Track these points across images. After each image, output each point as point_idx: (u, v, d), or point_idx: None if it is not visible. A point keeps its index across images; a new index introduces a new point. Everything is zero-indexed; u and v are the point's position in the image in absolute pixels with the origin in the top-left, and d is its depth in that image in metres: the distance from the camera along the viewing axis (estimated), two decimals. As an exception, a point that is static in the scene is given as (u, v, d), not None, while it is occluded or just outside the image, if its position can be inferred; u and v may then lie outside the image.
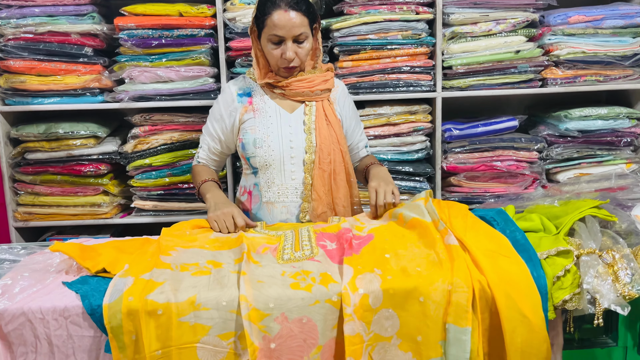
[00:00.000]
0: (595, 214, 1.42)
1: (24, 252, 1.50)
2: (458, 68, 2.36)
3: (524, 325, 1.18)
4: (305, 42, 1.70)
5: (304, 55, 1.72)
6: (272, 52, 1.70)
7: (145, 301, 1.20)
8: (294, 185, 1.77)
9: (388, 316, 1.21)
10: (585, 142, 2.42)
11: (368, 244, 1.37)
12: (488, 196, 2.42)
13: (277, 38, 1.67)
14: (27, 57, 2.28)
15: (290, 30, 1.65)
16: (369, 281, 1.22)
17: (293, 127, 1.77)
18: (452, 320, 1.19)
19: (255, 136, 1.76)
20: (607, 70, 2.40)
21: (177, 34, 2.28)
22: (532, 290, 1.21)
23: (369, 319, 1.21)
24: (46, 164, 2.35)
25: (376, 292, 1.21)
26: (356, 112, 1.95)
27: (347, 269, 1.26)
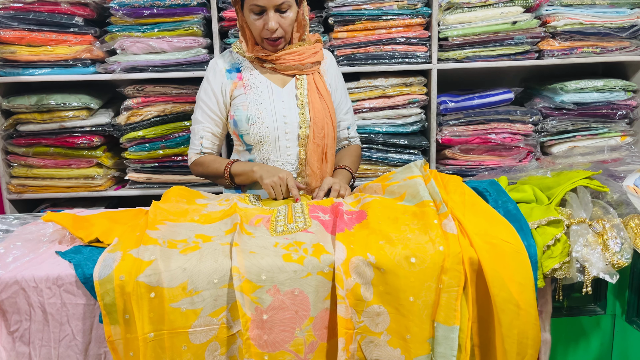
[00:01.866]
0: (587, 185, 1.42)
1: (17, 223, 1.50)
2: (454, 39, 2.33)
3: (520, 318, 1.18)
4: (289, 11, 1.64)
5: (287, 25, 1.65)
6: (254, 23, 1.65)
7: (137, 283, 1.19)
8: (290, 160, 1.75)
9: (379, 312, 1.22)
10: (580, 115, 2.41)
11: (361, 222, 1.34)
12: (482, 169, 2.43)
13: (258, 8, 1.61)
14: (16, 27, 2.24)
15: (271, 0, 1.60)
16: (362, 270, 1.22)
17: (286, 101, 1.74)
18: (441, 319, 1.20)
19: (248, 113, 1.72)
20: (604, 41, 2.38)
21: (169, 3, 2.24)
22: (529, 280, 1.20)
23: (360, 309, 1.22)
24: (39, 136, 2.33)
25: (368, 286, 1.22)
26: (344, 87, 1.90)
27: (339, 247, 1.24)
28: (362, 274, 1.22)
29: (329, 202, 1.50)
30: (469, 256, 1.21)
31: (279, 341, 1.21)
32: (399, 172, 1.56)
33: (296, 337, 1.21)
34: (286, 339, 1.21)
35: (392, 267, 1.21)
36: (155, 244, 1.27)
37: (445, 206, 1.33)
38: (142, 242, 1.29)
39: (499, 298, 1.19)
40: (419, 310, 1.20)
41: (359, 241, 1.26)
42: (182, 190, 1.61)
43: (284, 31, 1.67)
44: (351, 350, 1.21)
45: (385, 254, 1.22)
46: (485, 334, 1.24)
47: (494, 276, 1.19)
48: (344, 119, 1.88)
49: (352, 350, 1.22)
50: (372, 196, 1.49)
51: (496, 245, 1.23)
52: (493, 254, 1.22)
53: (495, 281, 1.19)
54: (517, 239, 1.24)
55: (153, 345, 1.19)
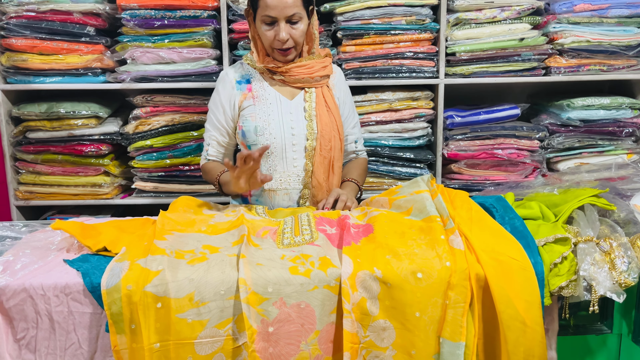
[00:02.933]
0: (594, 203, 1.42)
1: (26, 230, 1.51)
2: (461, 55, 2.35)
3: (526, 335, 1.18)
4: (300, 23, 1.67)
5: (298, 36, 1.68)
6: (265, 34, 1.68)
7: (144, 293, 1.20)
8: (296, 172, 1.76)
9: (385, 327, 1.22)
10: (587, 132, 2.42)
11: (368, 236, 1.35)
12: (488, 184, 2.43)
13: (269, 19, 1.65)
14: (29, 36, 2.27)
15: (283, 11, 1.63)
16: (369, 285, 1.22)
17: (294, 113, 1.76)
18: (447, 335, 1.20)
19: (256, 124, 1.74)
20: (611, 59, 2.39)
21: (180, 14, 2.27)
22: (536, 297, 1.20)
23: (366, 323, 1.22)
24: (47, 143, 2.35)
25: (374, 300, 1.22)
26: (352, 102, 1.92)
27: (346, 260, 1.24)
28: (368, 288, 1.22)
29: (335, 214, 1.51)
30: (475, 272, 1.22)
31: (285, 354, 1.21)
32: (406, 186, 1.57)
33: (302, 351, 1.21)
34: (292, 352, 1.21)
35: (399, 281, 1.21)
36: (162, 254, 1.28)
37: (452, 222, 1.33)
38: (149, 252, 1.29)
39: (505, 315, 1.18)
40: (425, 326, 1.20)
41: (366, 255, 1.27)
42: (189, 200, 1.63)
43: (295, 42, 1.69)
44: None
45: (391, 268, 1.23)
46: (491, 350, 1.24)
47: (501, 293, 1.19)
48: (351, 132, 1.89)
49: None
50: (378, 210, 1.49)
51: (503, 262, 1.23)
52: (500, 270, 1.22)
53: (501, 298, 1.19)
54: (524, 256, 1.24)
55: (159, 355, 1.19)
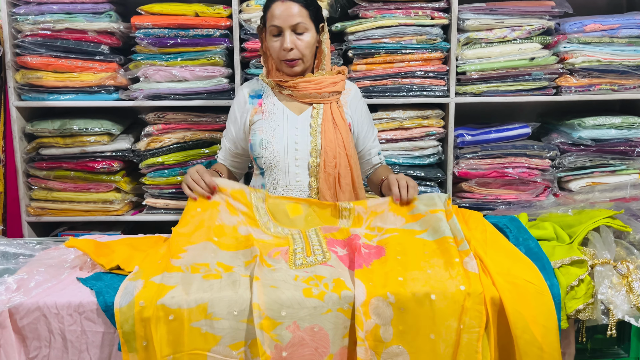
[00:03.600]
0: (609, 224, 1.41)
1: (39, 247, 1.51)
2: (472, 74, 2.36)
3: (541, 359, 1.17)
4: (305, 34, 1.71)
5: (303, 47, 1.71)
6: (273, 45, 1.72)
7: (157, 307, 1.19)
8: (298, 187, 1.77)
9: (398, 352, 1.20)
10: (598, 151, 2.41)
11: (379, 259, 1.33)
12: (499, 203, 2.42)
13: (276, 29, 1.70)
14: (44, 54, 2.30)
15: (287, 20, 1.67)
16: (382, 311, 1.21)
17: (299, 129, 1.77)
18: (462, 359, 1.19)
19: (262, 137, 1.77)
20: (622, 79, 2.39)
21: (193, 33, 2.30)
22: (553, 322, 1.18)
23: (380, 351, 1.20)
24: (60, 160, 2.37)
25: (387, 327, 1.20)
26: (370, 117, 1.94)
27: (359, 285, 1.22)
28: (381, 314, 1.21)
29: (344, 235, 1.49)
30: (490, 296, 1.20)
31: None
32: (422, 201, 1.54)
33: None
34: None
35: (412, 305, 1.20)
36: (178, 271, 1.29)
37: (467, 244, 1.32)
38: (165, 269, 1.30)
39: (521, 340, 1.17)
40: (439, 349, 1.19)
41: (378, 278, 1.25)
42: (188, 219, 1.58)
43: (301, 53, 1.72)
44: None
45: (405, 291, 1.21)
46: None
47: (517, 317, 1.18)
48: (372, 146, 1.92)
49: None
50: (390, 231, 1.47)
51: (519, 285, 1.21)
52: (516, 294, 1.20)
53: (518, 323, 1.17)
54: (541, 280, 1.22)
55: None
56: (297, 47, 1.70)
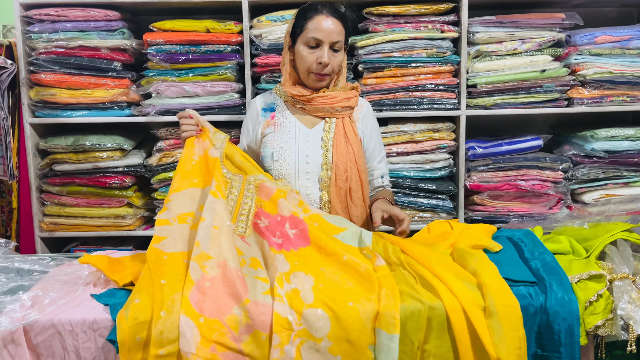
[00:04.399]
0: (626, 238, 1.39)
1: (53, 264, 1.52)
2: (482, 86, 2.35)
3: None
4: (340, 52, 1.75)
5: (336, 65, 1.75)
6: (307, 57, 1.73)
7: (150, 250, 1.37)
8: (309, 200, 1.77)
9: (320, 317, 1.24)
10: (611, 163, 2.39)
11: (305, 247, 1.45)
12: (512, 215, 2.40)
13: (315, 41, 1.71)
14: (57, 71, 2.32)
15: (329, 35, 1.70)
16: (303, 280, 1.32)
17: (311, 142, 1.78)
18: (382, 325, 1.22)
19: (273, 150, 1.78)
20: (634, 90, 2.38)
21: (204, 49, 2.32)
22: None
23: (300, 310, 1.25)
24: (73, 176, 2.39)
25: (309, 291, 1.28)
26: (379, 138, 1.93)
27: (283, 262, 1.37)
28: (302, 282, 1.30)
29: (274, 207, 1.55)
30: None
31: (216, 309, 1.24)
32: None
33: (233, 314, 1.24)
34: (223, 310, 1.24)
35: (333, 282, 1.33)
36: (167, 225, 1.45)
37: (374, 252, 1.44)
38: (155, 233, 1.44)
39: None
40: (358, 315, 1.23)
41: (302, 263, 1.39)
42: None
43: (332, 70, 1.75)
44: (286, 351, 1.22)
45: (325, 278, 1.34)
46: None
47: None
48: (377, 167, 1.90)
49: (288, 351, 1.22)
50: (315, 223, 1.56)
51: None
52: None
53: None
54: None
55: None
56: (332, 63, 1.73)
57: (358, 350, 1.22)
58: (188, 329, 1.20)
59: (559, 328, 1.21)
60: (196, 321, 1.21)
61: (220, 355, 1.20)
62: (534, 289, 1.28)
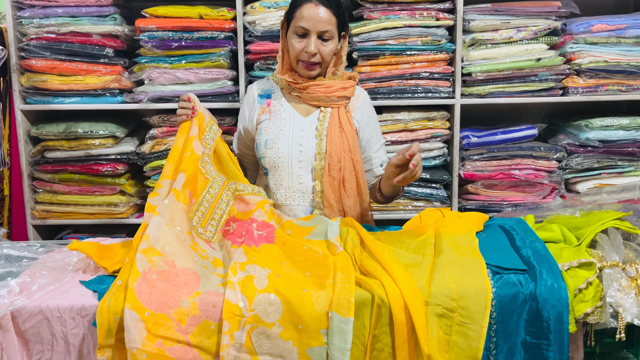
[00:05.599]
0: (617, 226, 1.39)
1: (43, 250, 1.51)
2: (477, 75, 2.34)
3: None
4: (330, 41, 1.71)
5: (326, 54, 1.72)
6: (295, 45, 1.71)
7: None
8: (301, 189, 1.76)
9: (271, 301, 1.24)
10: (606, 152, 2.38)
11: (268, 244, 1.45)
12: (505, 205, 2.40)
13: (302, 30, 1.69)
14: (48, 57, 2.30)
15: (316, 25, 1.67)
16: (258, 269, 1.32)
17: (305, 131, 1.77)
18: (335, 309, 1.21)
19: (267, 137, 1.77)
20: (629, 80, 2.37)
21: (197, 36, 2.30)
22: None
23: (252, 296, 1.24)
24: (65, 163, 2.37)
25: (262, 278, 1.28)
26: (377, 126, 1.91)
27: (240, 254, 1.37)
28: (257, 271, 1.31)
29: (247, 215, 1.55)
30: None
31: (163, 303, 1.23)
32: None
33: (180, 306, 1.23)
34: (170, 304, 1.23)
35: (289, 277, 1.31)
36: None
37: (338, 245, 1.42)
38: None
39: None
40: (311, 299, 1.23)
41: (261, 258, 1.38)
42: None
43: (322, 59, 1.72)
44: (236, 337, 1.21)
45: (283, 271, 1.33)
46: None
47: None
48: (375, 156, 1.88)
49: (238, 337, 1.21)
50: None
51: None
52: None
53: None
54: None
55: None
56: (321, 52, 1.71)
57: (310, 334, 1.21)
58: (133, 323, 1.18)
59: (548, 315, 1.21)
60: (142, 315, 1.19)
61: (166, 349, 1.19)
62: (524, 277, 1.28)
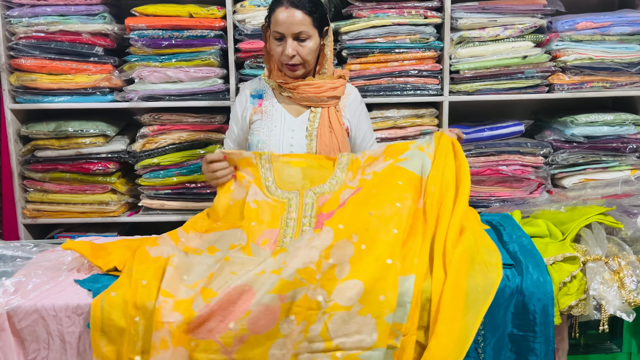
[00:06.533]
0: (601, 221, 1.43)
1: (36, 250, 1.52)
2: (465, 72, 2.37)
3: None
4: (308, 41, 1.72)
5: (305, 54, 1.73)
6: (275, 49, 1.74)
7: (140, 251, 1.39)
8: None
9: (352, 286, 1.25)
10: (590, 148, 2.43)
11: (354, 195, 1.45)
12: (493, 200, 2.44)
13: (278, 34, 1.71)
14: (38, 56, 2.30)
15: (289, 27, 1.68)
16: (343, 252, 1.29)
17: (296, 131, 1.79)
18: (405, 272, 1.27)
19: (259, 137, 1.79)
20: (613, 76, 2.41)
21: (187, 34, 2.30)
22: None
23: (332, 288, 1.25)
24: (55, 162, 2.37)
25: (344, 265, 1.27)
26: (368, 122, 1.94)
27: (326, 232, 1.31)
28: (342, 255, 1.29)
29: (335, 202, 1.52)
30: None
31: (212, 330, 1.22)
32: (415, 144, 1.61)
33: (229, 330, 1.22)
34: (219, 329, 1.22)
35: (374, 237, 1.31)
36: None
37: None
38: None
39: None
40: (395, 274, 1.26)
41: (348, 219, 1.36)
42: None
43: (303, 59, 1.74)
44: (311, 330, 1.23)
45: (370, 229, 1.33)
46: None
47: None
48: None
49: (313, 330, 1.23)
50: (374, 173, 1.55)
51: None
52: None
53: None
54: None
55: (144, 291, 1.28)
56: (299, 53, 1.72)
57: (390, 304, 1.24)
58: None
59: (534, 308, 1.25)
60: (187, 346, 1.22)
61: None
62: (511, 271, 1.31)
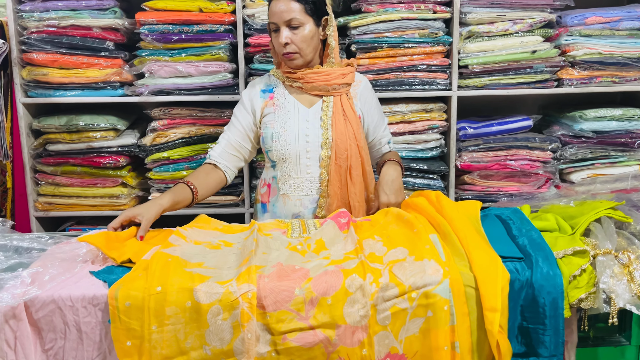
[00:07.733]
0: (610, 215, 1.44)
1: (51, 242, 1.54)
2: (474, 67, 2.37)
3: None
4: (300, 28, 1.72)
5: (299, 41, 1.73)
6: (274, 42, 1.77)
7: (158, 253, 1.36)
8: (309, 179, 1.80)
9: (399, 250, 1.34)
10: (599, 143, 2.43)
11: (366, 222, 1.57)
12: (501, 195, 2.44)
13: (274, 26, 1.74)
14: (49, 50, 2.32)
15: (281, 16, 1.71)
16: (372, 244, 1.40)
17: (310, 121, 1.80)
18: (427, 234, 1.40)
19: (273, 130, 1.79)
20: (622, 71, 2.41)
21: (197, 29, 2.31)
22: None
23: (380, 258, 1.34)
24: (67, 156, 2.40)
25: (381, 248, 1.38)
26: (380, 108, 1.96)
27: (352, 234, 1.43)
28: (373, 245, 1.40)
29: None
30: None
31: (280, 301, 1.23)
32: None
33: (296, 296, 1.23)
34: (286, 298, 1.23)
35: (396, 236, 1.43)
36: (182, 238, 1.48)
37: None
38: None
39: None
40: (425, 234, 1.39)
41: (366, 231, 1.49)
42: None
43: (298, 47, 1.74)
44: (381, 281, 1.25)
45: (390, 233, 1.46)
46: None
47: None
48: (383, 135, 1.95)
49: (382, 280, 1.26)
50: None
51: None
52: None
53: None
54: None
55: (157, 298, 1.23)
56: (293, 41, 1.73)
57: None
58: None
59: (544, 301, 1.26)
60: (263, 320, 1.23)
61: (292, 341, 1.22)
62: (520, 265, 1.32)
